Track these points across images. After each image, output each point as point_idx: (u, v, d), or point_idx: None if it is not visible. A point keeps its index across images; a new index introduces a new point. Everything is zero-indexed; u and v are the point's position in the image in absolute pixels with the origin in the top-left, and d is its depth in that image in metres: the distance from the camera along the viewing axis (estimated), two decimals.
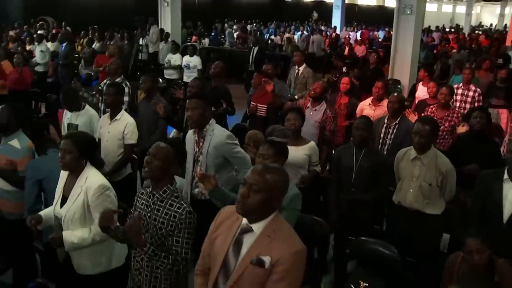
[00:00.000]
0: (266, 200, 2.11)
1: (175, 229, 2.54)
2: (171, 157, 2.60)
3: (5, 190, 3.75)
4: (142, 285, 2.66)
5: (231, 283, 2.15)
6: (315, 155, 4.30)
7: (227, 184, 3.57)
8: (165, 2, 14.20)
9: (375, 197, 3.89)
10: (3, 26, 16.60)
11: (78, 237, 2.89)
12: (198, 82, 5.30)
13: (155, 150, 2.59)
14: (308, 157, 4.22)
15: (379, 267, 3.47)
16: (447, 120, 5.29)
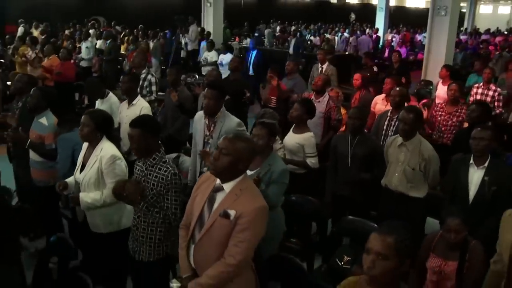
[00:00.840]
0: (233, 162, 2.52)
1: (164, 189, 2.98)
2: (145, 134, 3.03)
3: (35, 161, 4.34)
4: (139, 238, 3.12)
5: (204, 232, 2.57)
6: (308, 147, 4.45)
7: None
8: (208, 2, 14.81)
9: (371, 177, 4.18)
10: (59, 26, 17.78)
11: (91, 198, 3.38)
12: (215, 73, 5.74)
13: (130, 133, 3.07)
14: (300, 146, 4.45)
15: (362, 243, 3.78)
16: (455, 116, 5.48)
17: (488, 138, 3.55)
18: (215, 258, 2.53)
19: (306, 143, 4.46)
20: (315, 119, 5.48)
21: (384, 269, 1.88)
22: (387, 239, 1.89)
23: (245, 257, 2.50)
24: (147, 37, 12.98)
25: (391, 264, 1.87)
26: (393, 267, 1.88)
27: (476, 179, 3.55)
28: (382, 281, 1.91)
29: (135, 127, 3.07)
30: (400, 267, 1.90)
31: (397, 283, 1.96)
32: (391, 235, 1.90)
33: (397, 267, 1.89)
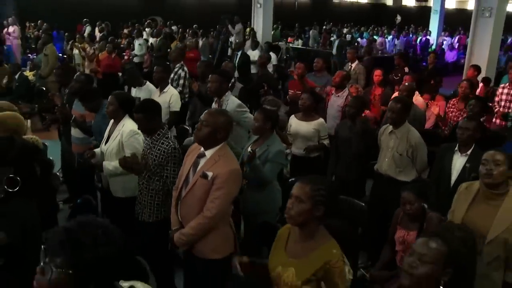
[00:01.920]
0: (212, 132, 3.02)
1: (164, 160, 3.50)
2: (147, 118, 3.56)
3: (76, 137, 5.02)
4: (142, 201, 3.67)
5: (187, 190, 3.09)
6: (323, 130, 5.01)
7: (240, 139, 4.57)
8: (258, 3, 15.37)
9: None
10: (120, 25, 19.00)
11: (112, 166, 3.94)
12: (231, 65, 6.23)
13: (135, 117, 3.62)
14: (316, 131, 4.96)
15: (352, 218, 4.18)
16: (466, 112, 5.69)
17: (472, 129, 3.85)
18: (196, 212, 3.04)
19: (321, 128, 4.98)
20: (334, 112, 5.94)
21: (299, 210, 2.27)
22: (304, 187, 2.30)
23: (219, 211, 2.99)
24: (197, 35, 13.69)
25: (306, 207, 2.27)
26: (307, 209, 2.27)
27: (458, 165, 3.87)
28: (300, 220, 2.30)
29: (138, 112, 3.62)
30: (314, 211, 2.28)
31: (315, 226, 2.34)
32: (308, 184, 2.31)
33: (310, 210, 2.27)
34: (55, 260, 1.52)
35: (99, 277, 1.56)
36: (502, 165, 2.87)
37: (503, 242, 2.80)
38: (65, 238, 1.52)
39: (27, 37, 16.06)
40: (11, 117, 3.25)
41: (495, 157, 2.89)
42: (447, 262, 1.95)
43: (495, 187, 2.90)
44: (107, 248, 1.54)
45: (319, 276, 2.25)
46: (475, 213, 2.94)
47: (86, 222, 1.57)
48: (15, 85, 8.62)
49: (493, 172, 2.87)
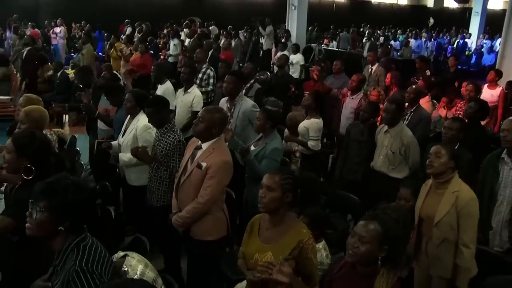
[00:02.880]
0: (207, 128, 3.40)
1: (170, 151, 3.92)
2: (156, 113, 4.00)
3: (102, 129, 5.53)
4: (151, 188, 4.11)
5: (185, 178, 3.49)
6: (313, 130, 5.19)
7: (249, 138, 4.88)
8: (292, 5, 15.69)
9: None
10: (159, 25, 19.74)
11: (127, 157, 4.38)
12: (251, 65, 6.58)
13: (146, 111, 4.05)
14: (306, 129, 5.22)
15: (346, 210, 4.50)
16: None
17: (456, 129, 4.10)
18: (192, 197, 3.43)
19: (310, 127, 5.21)
20: (347, 114, 6.23)
21: (271, 198, 2.60)
22: (274, 177, 2.63)
23: (211, 197, 3.37)
24: (230, 36, 14.14)
25: (276, 195, 2.59)
26: (278, 197, 2.59)
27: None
28: (272, 207, 2.63)
29: (148, 106, 4.06)
30: (284, 198, 2.60)
31: (285, 212, 2.66)
32: (277, 174, 2.65)
33: (281, 197, 2.60)
34: (39, 205, 2.05)
35: (71, 217, 2.08)
36: (443, 157, 3.17)
37: (448, 224, 3.11)
38: (44, 187, 2.06)
39: (72, 37, 16.98)
40: (35, 110, 3.73)
41: (437, 150, 3.22)
42: (383, 241, 2.25)
43: (439, 176, 3.20)
44: (75, 195, 2.08)
45: (295, 255, 2.57)
46: (428, 202, 3.28)
47: (60, 177, 2.13)
48: (56, 82, 9.28)
49: (434, 164, 3.19)
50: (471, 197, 3.15)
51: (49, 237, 2.11)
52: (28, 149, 2.81)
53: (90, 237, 2.15)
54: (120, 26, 18.19)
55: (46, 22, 16.73)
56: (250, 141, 4.87)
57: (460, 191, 3.15)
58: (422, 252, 3.29)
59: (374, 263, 2.27)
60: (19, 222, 2.57)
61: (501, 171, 3.71)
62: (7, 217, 2.74)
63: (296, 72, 11.41)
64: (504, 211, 3.66)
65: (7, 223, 2.71)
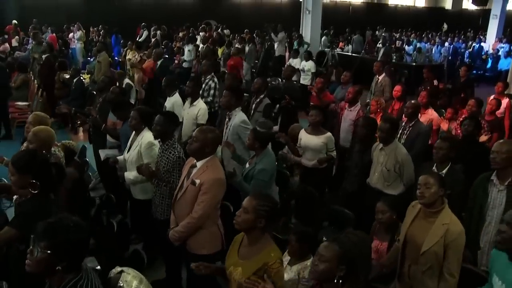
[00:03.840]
0: (201, 147, 3.59)
1: (171, 167, 4.09)
2: (165, 122, 4.16)
3: (110, 141, 5.75)
4: (155, 201, 4.27)
5: (181, 194, 3.68)
6: (330, 143, 5.37)
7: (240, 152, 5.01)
8: (306, 10, 15.78)
9: None
10: (175, 29, 20.00)
11: (133, 175, 4.52)
12: (260, 81, 6.71)
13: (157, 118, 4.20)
14: (324, 144, 5.35)
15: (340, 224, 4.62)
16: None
17: (446, 148, 4.20)
18: (187, 213, 3.62)
19: (328, 141, 5.37)
20: (346, 126, 6.34)
21: (244, 220, 2.76)
22: (252, 201, 2.79)
23: (204, 212, 3.55)
24: (244, 42, 14.30)
25: (249, 218, 2.75)
26: (250, 220, 2.75)
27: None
28: (244, 228, 2.80)
29: (162, 115, 4.24)
30: (256, 222, 2.75)
31: (259, 234, 2.81)
32: (256, 199, 2.80)
33: (253, 221, 2.75)
34: (40, 244, 2.17)
35: (70, 257, 2.18)
36: (432, 187, 3.22)
37: (435, 253, 3.20)
38: (46, 227, 2.18)
39: (90, 40, 17.35)
40: (43, 131, 3.94)
41: (426, 181, 3.26)
42: (341, 261, 2.40)
43: (430, 206, 3.27)
44: (76, 235, 2.18)
45: (260, 275, 2.73)
46: (415, 228, 3.36)
47: (61, 217, 2.24)
48: (72, 88, 9.57)
49: (425, 195, 3.24)
50: (460, 231, 3.23)
51: (47, 275, 2.23)
52: (29, 167, 3.05)
53: (86, 275, 2.26)
54: (138, 29, 18.51)
55: (64, 26, 17.10)
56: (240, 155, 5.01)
57: (450, 224, 3.22)
58: (405, 274, 3.40)
59: (335, 282, 2.42)
60: (22, 232, 2.86)
61: (489, 193, 3.79)
62: (12, 228, 3.00)
63: (307, 79, 11.55)
64: (492, 232, 3.73)
65: (12, 234, 2.98)
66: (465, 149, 5.01)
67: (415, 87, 11.00)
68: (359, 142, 5.13)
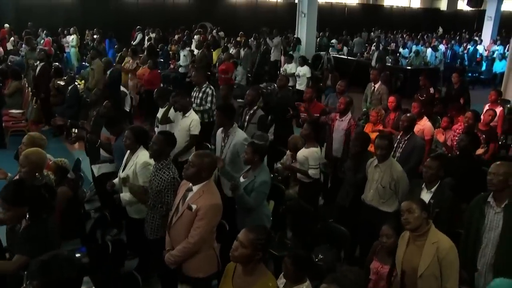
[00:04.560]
0: (197, 172, 3.56)
1: (163, 188, 4.05)
2: (163, 142, 4.13)
3: (104, 156, 5.71)
4: (148, 220, 4.25)
5: (176, 219, 3.66)
6: (312, 159, 5.30)
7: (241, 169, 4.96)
8: (302, 13, 15.75)
9: None
10: (170, 31, 19.93)
11: (128, 197, 4.46)
12: (253, 92, 6.69)
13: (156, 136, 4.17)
14: (305, 158, 5.34)
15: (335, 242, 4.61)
16: None
17: (434, 168, 4.20)
18: (183, 237, 3.59)
19: (310, 156, 5.33)
20: (338, 136, 6.32)
21: (241, 254, 2.77)
22: (249, 235, 2.79)
23: (200, 238, 3.52)
24: (240, 45, 14.27)
25: (246, 252, 2.76)
26: (248, 254, 2.76)
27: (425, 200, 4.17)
28: (242, 261, 2.80)
29: (161, 134, 4.22)
30: (254, 255, 2.76)
31: (255, 265, 2.82)
32: (252, 233, 2.80)
33: (251, 255, 2.76)
34: (33, 283, 2.19)
35: None
36: (415, 212, 3.33)
37: (432, 275, 3.25)
38: (40, 266, 2.20)
39: (85, 44, 17.27)
40: (34, 153, 3.92)
41: (408, 207, 3.36)
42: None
43: (416, 230, 3.36)
44: (69, 273, 2.22)
45: None
46: (408, 255, 3.42)
47: (55, 255, 2.27)
48: (67, 96, 9.50)
49: (409, 220, 3.34)
50: (450, 246, 3.28)
51: None
52: (21, 199, 3.05)
53: None
54: (133, 32, 18.45)
55: (59, 29, 17.01)
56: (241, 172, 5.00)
57: (439, 241, 3.28)
58: None
59: None
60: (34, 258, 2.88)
61: (486, 214, 3.77)
62: (23, 256, 3.03)
63: (303, 84, 11.45)
64: (489, 254, 3.72)
65: (23, 261, 3.01)
66: (458, 164, 5.03)
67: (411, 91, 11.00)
68: (352, 159, 5.10)
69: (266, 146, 4.59)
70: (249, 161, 4.43)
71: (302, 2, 15.22)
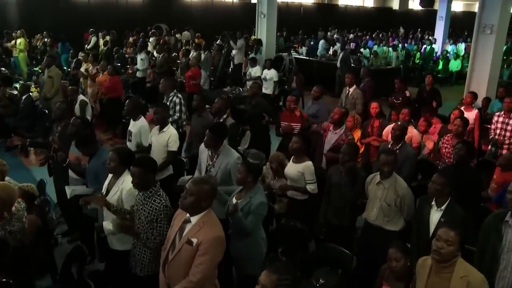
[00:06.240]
0: (197, 201, 3.13)
1: (155, 217, 3.59)
2: (145, 172, 3.65)
3: (73, 178, 5.13)
4: (135, 254, 3.77)
5: (174, 255, 3.21)
6: (309, 174, 4.94)
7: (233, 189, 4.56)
8: (262, 14, 15.44)
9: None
10: (126, 33, 19.14)
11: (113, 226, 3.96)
12: (221, 101, 6.29)
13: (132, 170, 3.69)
14: (301, 174, 4.94)
15: (336, 265, 4.29)
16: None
17: (439, 183, 3.93)
18: (182, 276, 3.15)
19: (306, 171, 4.94)
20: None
21: None
22: (271, 276, 2.45)
23: (204, 276, 3.10)
24: (200, 48, 13.77)
25: None
26: None
27: (435, 219, 3.95)
28: None
29: (137, 166, 3.68)
30: None
31: None
32: (275, 273, 2.46)
33: None
34: None
35: None
36: (453, 245, 3.00)
37: None
38: None
39: (34, 47, 16.26)
40: (2, 190, 3.38)
41: (448, 235, 3.02)
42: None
43: (443, 262, 3.05)
44: None
45: None
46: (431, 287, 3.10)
47: None
48: (20, 106, 8.75)
49: (442, 251, 3.00)
50: (482, 279, 3.03)
51: None
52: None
53: None
54: (85, 34, 17.54)
55: (4, 31, 15.90)
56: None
57: (470, 276, 3.00)
58: None
59: None
60: None
61: (504, 234, 3.54)
62: None
63: (269, 88, 11.03)
64: (509, 277, 3.50)
65: None
66: (456, 173, 4.83)
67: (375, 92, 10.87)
68: (347, 174, 4.78)
69: (261, 165, 4.21)
70: (243, 181, 4.06)
71: (262, 2, 14.91)
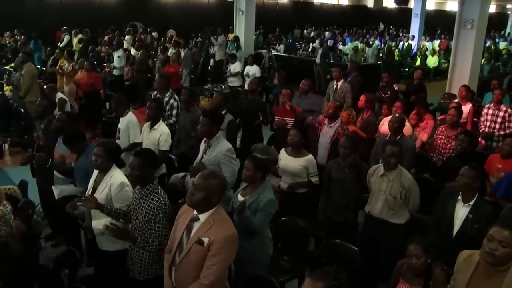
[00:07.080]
0: (206, 197, 2.90)
1: (155, 217, 3.34)
2: (146, 165, 3.41)
3: (58, 177, 4.80)
4: (133, 257, 3.51)
5: (182, 256, 2.96)
6: (311, 167, 4.84)
7: None
8: (240, 11, 15.27)
9: None
10: (100, 32, 18.64)
11: (102, 224, 3.66)
12: (220, 97, 6.08)
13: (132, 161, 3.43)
14: (304, 168, 4.81)
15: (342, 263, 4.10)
16: (454, 139, 5.64)
17: (469, 177, 3.75)
18: (192, 279, 2.91)
19: (309, 164, 4.82)
20: (325, 143, 5.78)
21: None
22: (317, 284, 2.20)
23: (217, 278, 2.86)
24: (179, 45, 13.48)
25: None
26: None
27: (461, 215, 3.75)
28: None
29: (138, 156, 3.44)
30: None
31: None
32: (321, 281, 2.20)
33: None
34: None
35: None
36: (508, 247, 2.67)
37: None
38: None
39: (3, 45, 15.64)
40: None
41: (502, 235, 2.68)
42: None
43: (498, 265, 2.74)
44: None
45: None
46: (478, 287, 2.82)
47: None
48: None
49: (495, 253, 2.69)
50: None
51: None
52: None
53: None
54: (57, 32, 16.98)
55: None
56: None
57: None
58: None
59: None
60: None
61: None
62: None
63: None
64: None
65: None
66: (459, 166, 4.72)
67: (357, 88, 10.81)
68: (350, 169, 4.61)
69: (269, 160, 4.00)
70: (251, 179, 3.82)
71: None
